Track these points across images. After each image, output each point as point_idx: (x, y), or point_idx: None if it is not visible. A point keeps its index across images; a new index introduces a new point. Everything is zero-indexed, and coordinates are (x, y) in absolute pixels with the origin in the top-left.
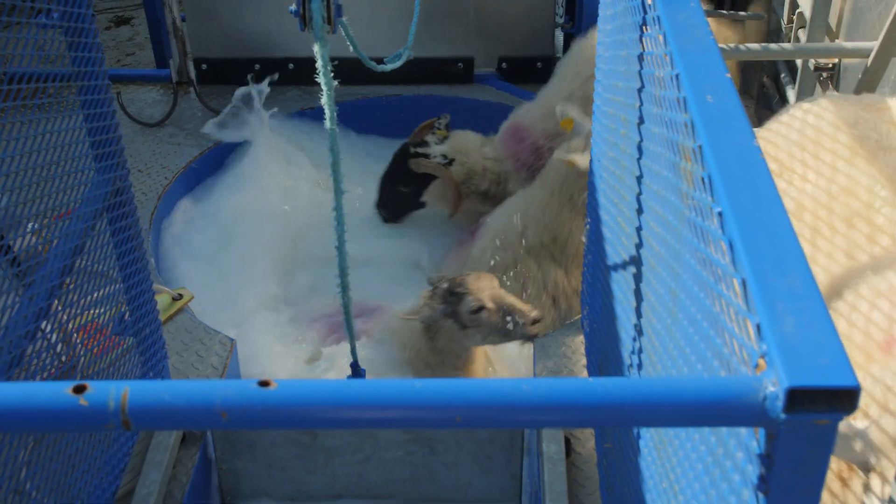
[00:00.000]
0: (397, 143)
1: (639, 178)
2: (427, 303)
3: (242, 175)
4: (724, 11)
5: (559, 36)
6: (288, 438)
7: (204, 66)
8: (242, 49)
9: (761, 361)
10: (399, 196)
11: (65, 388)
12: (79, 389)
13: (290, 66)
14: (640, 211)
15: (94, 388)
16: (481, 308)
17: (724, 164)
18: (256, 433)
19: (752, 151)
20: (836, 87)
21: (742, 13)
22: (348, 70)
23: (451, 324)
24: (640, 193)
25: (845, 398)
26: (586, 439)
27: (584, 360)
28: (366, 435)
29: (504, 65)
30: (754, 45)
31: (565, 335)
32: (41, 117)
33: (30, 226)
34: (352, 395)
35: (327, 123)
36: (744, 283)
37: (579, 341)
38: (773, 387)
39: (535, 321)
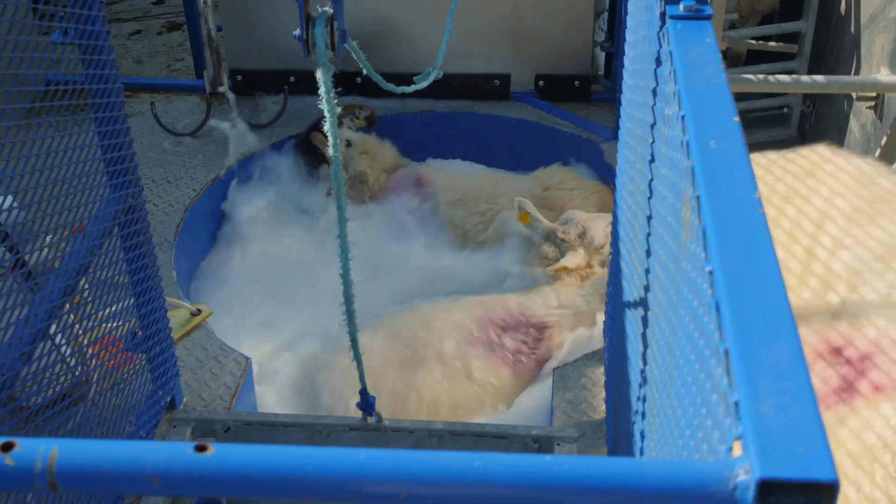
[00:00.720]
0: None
1: (649, 219)
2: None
3: (271, 189)
4: (753, 41)
5: (599, 55)
6: None
7: (239, 77)
8: (278, 61)
9: (736, 444)
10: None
11: None
12: (6, 447)
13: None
14: (648, 253)
15: (22, 445)
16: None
17: (719, 218)
18: None
19: (751, 206)
20: (880, 117)
21: (772, 43)
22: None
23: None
24: (649, 234)
25: (823, 492)
26: None
27: (603, 393)
28: None
29: (541, 83)
30: (784, 77)
31: (586, 366)
32: (54, 135)
33: (44, 240)
34: (293, 463)
35: (330, 150)
36: (726, 353)
37: (600, 373)
38: (745, 475)
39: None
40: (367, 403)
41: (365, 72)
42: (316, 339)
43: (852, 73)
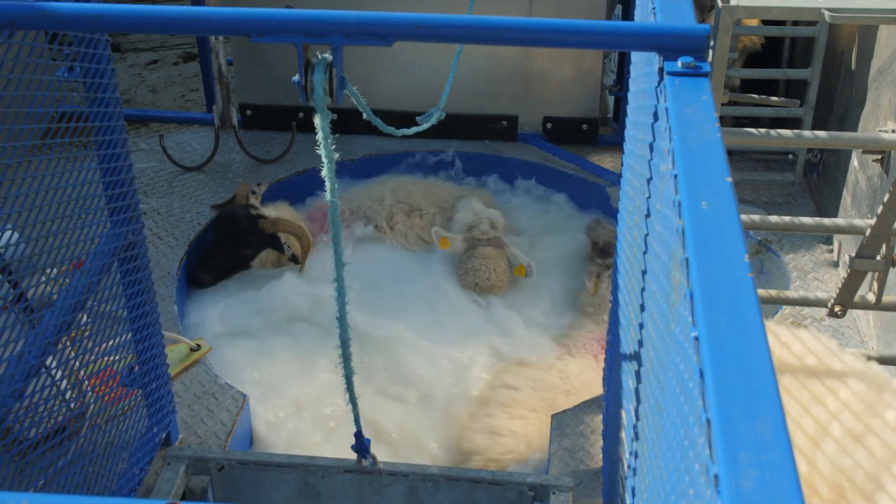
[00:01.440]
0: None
1: (643, 273)
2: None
3: None
4: (755, 95)
5: (608, 98)
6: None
7: (248, 112)
8: (287, 97)
9: None
10: (232, 258)
11: None
12: None
13: (334, 116)
14: (642, 308)
15: None
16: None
17: (707, 283)
18: (256, 494)
19: (740, 270)
20: (886, 171)
21: (774, 98)
22: (391, 122)
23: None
24: (643, 289)
25: None
26: None
27: (601, 441)
28: None
29: (549, 125)
30: (786, 132)
31: (585, 413)
32: (55, 172)
33: (43, 275)
34: None
35: (328, 196)
36: (708, 423)
37: (598, 420)
38: None
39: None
40: (361, 446)
41: (365, 116)
42: (315, 378)
43: (859, 124)
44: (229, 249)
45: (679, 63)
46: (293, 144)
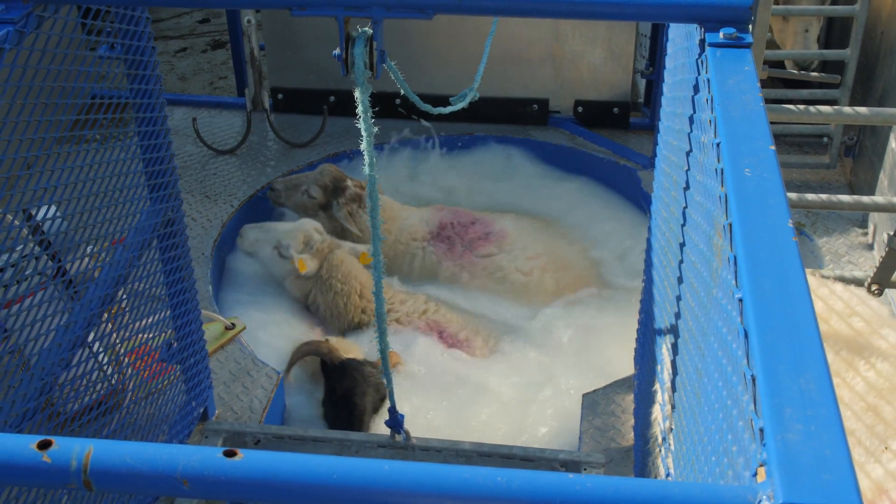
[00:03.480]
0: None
1: (681, 246)
2: None
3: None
4: (795, 71)
5: (639, 82)
6: None
7: (280, 96)
8: (319, 80)
9: (760, 470)
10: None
11: (30, 443)
12: (43, 445)
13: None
14: (680, 280)
15: (59, 444)
16: None
17: (751, 246)
18: None
19: (783, 234)
20: None
21: (814, 73)
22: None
23: None
24: (681, 261)
25: None
26: None
27: (632, 420)
28: None
29: (580, 108)
30: (825, 108)
31: (616, 392)
32: (97, 147)
33: (85, 250)
34: (319, 472)
35: (366, 169)
36: (753, 380)
37: (629, 400)
38: (768, 501)
39: None
40: (395, 421)
41: (403, 92)
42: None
43: None
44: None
45: (721, 34)
46: (324, 128)
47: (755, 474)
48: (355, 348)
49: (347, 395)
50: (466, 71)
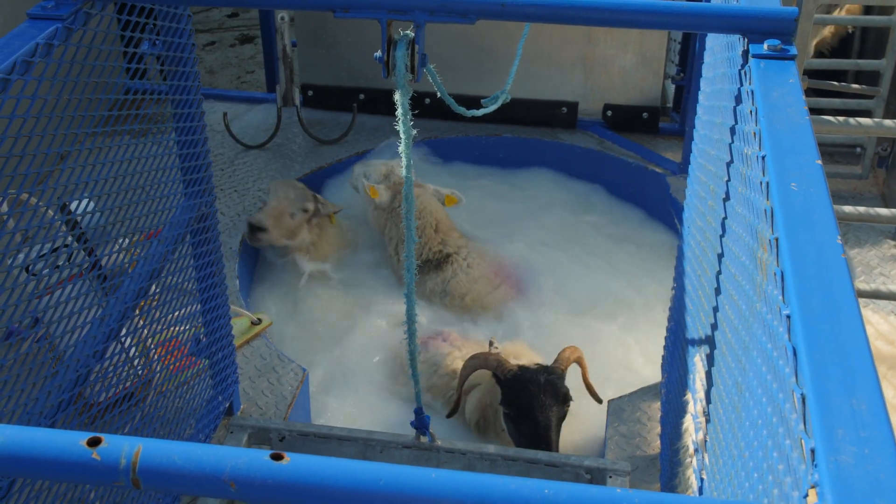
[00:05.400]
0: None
1: (720, 257)
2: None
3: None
4: (835, 83)
5: (669, 87)
6: None
7: (310, 93)
8: (349, 77)
9: (811, 491)
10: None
11: (80, 440)
12: (93, 442)
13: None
14: (718, 291)
15: (109, 442)
16: None
17: (799, 262)
18: None
19: (832, 250)
20: None
21: (855, 85)
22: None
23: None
24: (719, 272)
25: None
26: None
27: (658, 428)
28: None
29: (609, 112)
30: (865, 121)
31: (642, 400)
32: (135, 142)
33: (120, 244)
34: (365, 478)
35: (403, 171)
36: (803, 399)
37: (656, 408)
38: None
39: None
40: (421, 422)
41: (439, 94)
42: (376, 354)
43: None
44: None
45: (765, 45)
46: (353, 125)
47: (806, 496)
48: (526, 350)
49: (526, 410)
50: (498, 72)
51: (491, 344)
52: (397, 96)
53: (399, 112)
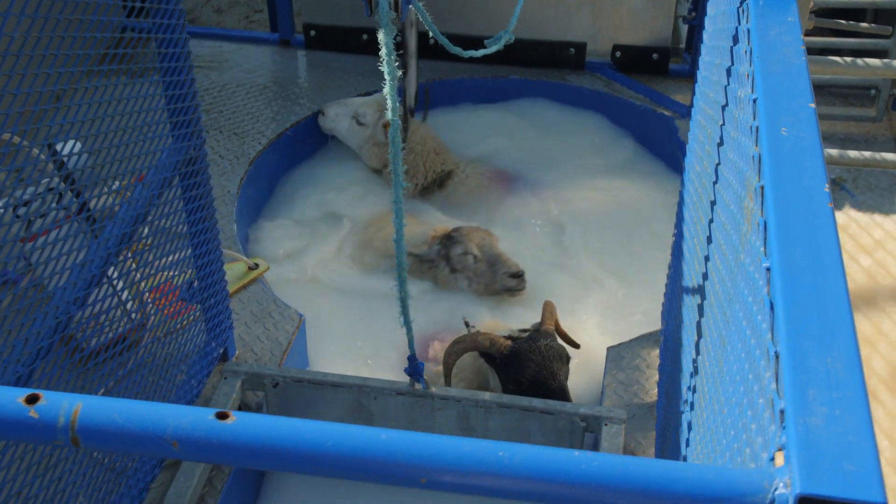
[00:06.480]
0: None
1: (712, 204)
2: (429, 243)
3: (340, 148)
4: (843, 21)
5: (682, 27)
6: (343, 422)
7: (313, 33)
8: (352, 17)
9: (778, 454)
10: None
11: (17, 397)
12: (31, 399)
13: (397, 38)
14: (709, 240)
15: (48, 399)
16: (467, 253)
17: (784, 212)
18: (310, 412)
19: (819, 200)
20: None
21: (864, 24)
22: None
23: (443, 265)
24: (711, 220)
25: None
26: None
27: (656, 376)
28: (421, 428)
29: (618, 53)
30: (874, 61)
31: (641, 347)
32: (117, 83)
33: (105, 187)
34: (313, 438)
35: (389, 114)
36: (776, 357)
37: (654, 355)
38: (784, 489)
39: (515, 274)
40: (415, 369)
41: (431, 34)
42: (373, 300)
43: None
44: None
45: None
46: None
47: (773, 458)
48: (500, 325)
49: (538, 383)
50: (504, 12)
51: (468, 325)
52: (380, 35)
53: (383, 52)
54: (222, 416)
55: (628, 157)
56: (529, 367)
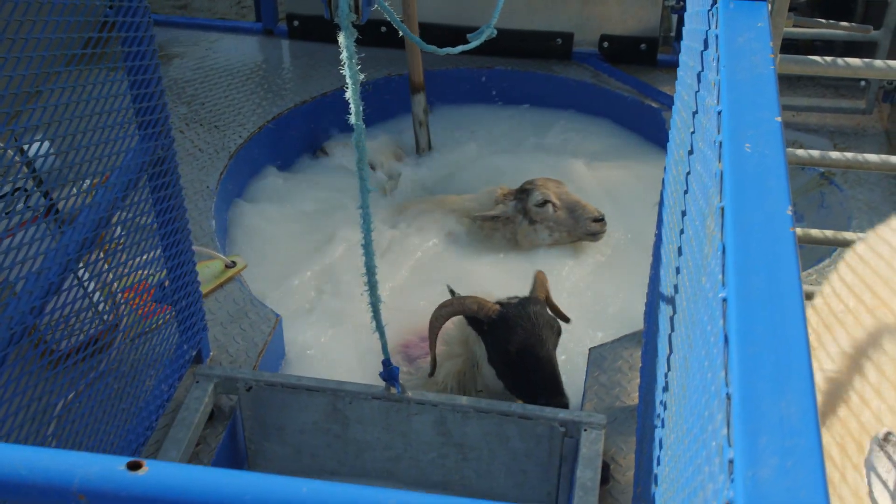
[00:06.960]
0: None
1: (683, 214)
2: (500, 201)
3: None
4: (822, 20)
5: (672, 18)
6: (318, 427)
7: (296, 23)
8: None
9: None
10: None
11: None
12: None
13: (382, 29)
14: (679, 251)
15: None
16: (546, 202)
17: (743, 237)
18: (284, 416)
19: (781, 224)
20: None
21: (844, 23)
22: (436, 37)
23: (522, 219)
24: (682, 231)
25: None
26: (628, 467)
27: (638, 379)
28: (397, 433)
29: (605, 44)
30: (854, 61)
31: (624, 347)
32: (84, 84)
33: (75, 188)
34: (230, 491)
35: (353, 118)
36: (728, 399)
37: (637, 356)
38: None
39: (597, 219)
40: (389, 374)
41: (402, 33)
42: (349, 301)
43: None
44: None
45: None
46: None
47: None
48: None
49: (525, 350)
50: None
51: (452, 292)
52: (341, 38)
53: (344, 56)
54: (134, 466)
55: (613, 144)
56: (518, 332)
